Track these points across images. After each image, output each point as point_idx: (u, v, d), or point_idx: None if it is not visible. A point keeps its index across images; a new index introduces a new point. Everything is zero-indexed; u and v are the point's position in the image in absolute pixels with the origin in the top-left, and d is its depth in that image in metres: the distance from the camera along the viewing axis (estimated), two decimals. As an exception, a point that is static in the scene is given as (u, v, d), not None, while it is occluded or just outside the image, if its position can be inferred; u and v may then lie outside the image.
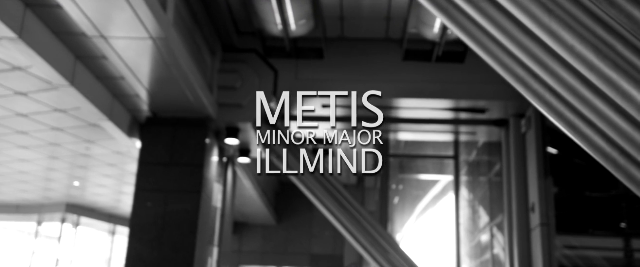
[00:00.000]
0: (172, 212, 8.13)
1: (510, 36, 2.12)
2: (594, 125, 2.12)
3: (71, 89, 6.90)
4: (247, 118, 8.67)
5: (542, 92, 2.24)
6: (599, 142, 2.17)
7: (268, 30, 7.71)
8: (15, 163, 10.19)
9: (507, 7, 1.99)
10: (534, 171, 8.47)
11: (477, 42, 2.42)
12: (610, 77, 1.87)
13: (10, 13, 5.61)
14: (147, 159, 8.36)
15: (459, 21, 2.49)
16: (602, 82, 1.86)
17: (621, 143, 2.05)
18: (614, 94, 1.87)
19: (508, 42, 2.13)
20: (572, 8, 1.97)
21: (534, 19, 1.93)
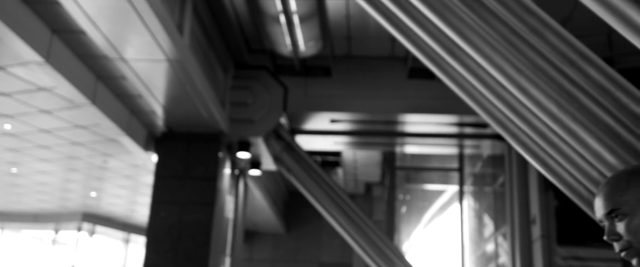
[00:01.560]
0: (187, 223, 8.48)
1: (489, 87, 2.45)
2: (561, 164, 2.45)
3: (92, 107, 7.29)
4: (258, 132, 9.03)
5: (518, 133, 2.58)
6: (566, 177, 2.51)
7: (278, 50, 8.08)
8: (35, 175, 10.60)
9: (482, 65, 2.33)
10: (535, 184, 8.74)
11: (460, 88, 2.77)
12: (571, 127, 2.22)
13: (38, 39, 6.01)
14: (163, 173, 8.72)
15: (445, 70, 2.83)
16: (564, 131, 2.20)
17: (582, 179, 2.39)
18: (574, 141, 2.20)
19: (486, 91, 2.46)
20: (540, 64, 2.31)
21: (506, 75, 2.27)
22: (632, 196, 1.38)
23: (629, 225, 1.37)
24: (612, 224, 1.41)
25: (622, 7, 1.81)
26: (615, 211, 1.41)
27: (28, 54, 5.98)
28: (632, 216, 1.37)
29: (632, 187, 1.40)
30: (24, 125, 8.10)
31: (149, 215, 8.64)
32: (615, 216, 1.40)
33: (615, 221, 1.40)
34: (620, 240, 1.41)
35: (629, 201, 1.38)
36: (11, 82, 6.69)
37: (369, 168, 14.13)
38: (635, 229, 1.37)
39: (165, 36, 6.23)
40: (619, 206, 1.40)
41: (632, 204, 1.38)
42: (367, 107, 9.29)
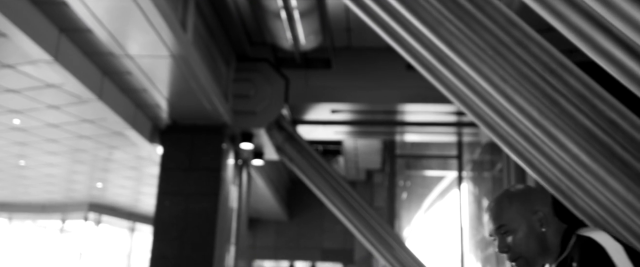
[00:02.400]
0: (192, 213, 8.71)
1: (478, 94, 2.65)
2: (545, 165, 2.66)
3: (99, 102, 7.48)
4: (261, 124, 9.23)
5: (505, 135, 2.78)
6: (549, 175, 2.72)
7: (279, 44, 8.25)
8: (42, 167, 10.82)
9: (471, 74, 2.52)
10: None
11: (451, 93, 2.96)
12: (551, 131, 2.42)
13: (46, 39, 6.18)
14: (168, 164, 8.94)
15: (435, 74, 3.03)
16: (545, 135, 2.40)
17: (563, 177, 2.60)
18: (554, 144, 2.40)
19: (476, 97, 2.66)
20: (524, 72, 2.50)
21: (492, 83, 2.47)
22: (516, 213, 1.66)
23: (515, 238, 1.64)
24: (502, 239, 1.67)
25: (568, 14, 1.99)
26: (504, 227, 1.67)
27: (37, 52, 6.16)
28: (517, 230, 1.63)
29: (514, 206, 1.67)
30: (32, 120, 8.30)
31: (155, 206, 8.86)
32: (504, 231, 1.66)
33: (504, 236, 1.66)
34: (509, 252, 1.66)
35: (515, 218, 1.65)
36: (20, 80, 6.88)
37: (369, 155, 14.35)
38: (520, 242, 1.64)
39: (169, 33, 6.40)
40: (507, 222, 1.66)
41: (518, 220, 1.64)
42: (367, 98, 9.47)
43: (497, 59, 2.52)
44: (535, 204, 1.69)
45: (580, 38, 1.87)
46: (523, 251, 1.66)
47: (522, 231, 1.66)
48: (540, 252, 1.66)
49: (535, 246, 1.65)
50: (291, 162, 9.97)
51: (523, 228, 1.66)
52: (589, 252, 1.55)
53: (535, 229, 1.66)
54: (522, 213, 1.67)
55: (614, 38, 1.82)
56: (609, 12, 1.64)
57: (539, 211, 1.68)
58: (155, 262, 8.68)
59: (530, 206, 1.69)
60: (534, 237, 1.65)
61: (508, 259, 1.69)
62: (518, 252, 1.67)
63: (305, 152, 9.79)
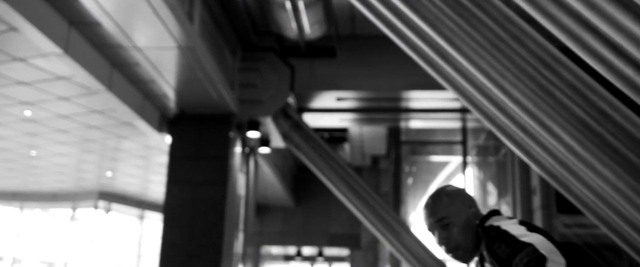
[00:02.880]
0: (201, 201, 8.88)
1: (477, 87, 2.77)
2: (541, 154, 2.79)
3: (108, 94, 7.63)
4: (267, 112, 9.35)
5: (503, 126, 2.90)
6: (546, 164, 2.85)
7: (284, 34, 8.35)
8: (53, 157, 11.01)
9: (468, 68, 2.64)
10: (535, 157, 9.05)
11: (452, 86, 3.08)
12: (546, 123, 2.54)
13: (57, 32, 6.32)
14: (177, 153, 9.10)
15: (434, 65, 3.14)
16: (540, 126, 2.53)
17: (556, 165, 2.72)
18: (548, 135, 2.53)
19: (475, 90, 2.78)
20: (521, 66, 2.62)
21: (489, 77, 2.58)
22: (454, 207, 1.82)
23: (454, 231, 1.80)
24: (441, 231, 1.83)
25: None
26: (444, 220, 1.82)
27: (48, 46, 6.30)
28: (456, 223, 1.80)
29: (453, 201, 1.83)
30: (43, 111, 8.46)
31: (165, 194, 9.04)
32: (444, 224, 1.82)
33: (443, 229, 1.82)
34: (448, 243, 1.82)
35: (453, 212, 1.82)
36: (32, 73, 7.03)
37: (375, 141, 14.46)
38: (459, 234, 1.81)
39: (176, 25, 6.52)
40: (446, 215, 1.82)
41: (456, 214, 1.81)
42: (371, 85, 9.57)
43: (494, 53, 2.64)
44: (466, 199, 1.86)
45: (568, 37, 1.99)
46: (461, 242, 1.82)
47: (459, 223, 1.81)
48: (475, 244, 1.82)
49: (472, 238, 1.81)
50: (298, 150, 10.12)
51: (461, 221, 1.82)
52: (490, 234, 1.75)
53: (471, 222, 1.82)
54: (460, 207, 1.83)
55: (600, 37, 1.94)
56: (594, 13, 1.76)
57: (472, 207, 1.85)
58: (165, 249, 8.88)
59: (466, 202, 1.86)
60: (470, 230, 1.82)
61: (446, 251, 1.83)
62: (456, 244, 1.82)
63: (311, 140, 9.93)
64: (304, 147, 9.97)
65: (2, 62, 6.75)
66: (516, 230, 1.75)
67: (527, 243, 1.69)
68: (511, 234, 1.73)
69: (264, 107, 9.33)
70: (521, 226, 1.78)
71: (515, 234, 1.73)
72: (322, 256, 19.94)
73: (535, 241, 1.70)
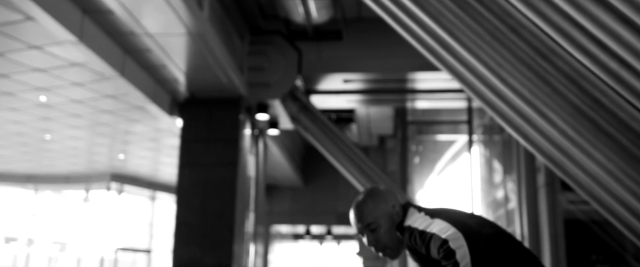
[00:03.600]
0: (213, 183, 9.12)
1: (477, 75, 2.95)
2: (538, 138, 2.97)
3: (121, 79, 7.82)
4: (275, 95, 9.54)
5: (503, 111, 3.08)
6: (543, 147, 3.03)
7: (292, 18, 8.50)
8: (66, 140, 11.26)
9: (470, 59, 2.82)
10: (539, 136, 9.20)
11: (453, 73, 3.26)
12: (542, 109, 2.72)
13: (71, 20, 6.50)
14: (188, 136, 9.32)
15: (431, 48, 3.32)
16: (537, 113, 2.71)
17: (555, 151, 2.91)
18: (544, 120, 2.71)
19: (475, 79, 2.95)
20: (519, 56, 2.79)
21: (489, 67, 2.76)
22: (380, 212, 1.95)
23: (381, 233, 1.94)
24: (369, 234, 1.96)
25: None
26: (371, 225, 1.94)
27: (63, 34, 6.48)
28: (382, 226, 1.94)
29: (377, 205, 1.97)
30: (57, 96, 8.68)
31: (177, 176, 9.28)
32: (372, 229, 1.94)
33: (371, 232, 1.95)
34: (377, 245, 1.95)
35: (378, 216, 1.95)
36: (47, 60, 7.22)
37: (382, 122, 14.64)
38: (385, 235, 1.94)
39: (186, 12, 6.68)
40: (372, 220, 1.95)
41: (381, 217, 1.95)
42: (378, 67, 9.72)
43: (493, 44, 2.81)
44: (390, 200, 1.99)
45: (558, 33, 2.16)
46: (387, 242, 1.95)
47: (385, 225, 1.95)
48: (401, 241, 1.95)
49: (397, 237, 1.95)
50: (306, 131, 10.32)
51: (386, 223, 1.95)
52: (406, 235, 1.87)
53: (395, 222, 1.96)
54: (384, 210, 1.97)
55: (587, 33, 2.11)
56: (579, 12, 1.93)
57: (395, 206, 1.98)
58: (179, 229, 9.15)
59: (388, 203, 1.98)
60: (395, 230, 1.95)
61: (375, 251, 1.98)
62: (384, 245, 1.96)
63: (319, 121, 10.12)
64: (312, 129, 10.17)
65: (18, 50, 6.94)
66: (421, 223, 1.85)
67: (431, 233, 1.78)
68: (420, 230, 1.83)
69: (273, 90, 9.51)
70: (425, 216, 1.88)
71: (422, 228, 1.83)
72: (331, 234, 20.25)
73: (436, 228, 1.79)
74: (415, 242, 1.84)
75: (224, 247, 9.05)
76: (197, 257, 9.09)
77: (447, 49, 2.94)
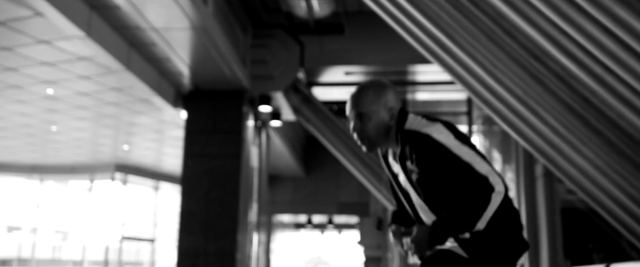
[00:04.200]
0: (217, 174, 9.29)
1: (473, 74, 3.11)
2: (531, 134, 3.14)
3: (127, 73, 7.97)
4: (278, 87, 9.69)
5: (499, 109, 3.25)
6: (536, 143, 3.21)
7: (294, 12, 8.63)
8: (72, 131, 11.43)
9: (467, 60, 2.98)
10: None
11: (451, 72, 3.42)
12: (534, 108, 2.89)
13: (79, 16, 6.64)
14: (192, 128, 9.49)
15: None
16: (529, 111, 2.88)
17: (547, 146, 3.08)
18: (536, 118, 2.88)
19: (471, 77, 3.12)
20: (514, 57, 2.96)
21: (484, 68, 2.92)
22: (374, 105, 1.95)
23: (368, 125, 1.94)
24: (356, 122, 1.96)
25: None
26: (363, 115, 1.94)
27: (71, 29, 6.63)
28: (371, 119, 1.95)
29: (374, 99, 1.96)
30: (64, 89, 8.84)
31: (182, 167, 9.45)
32: (363, 119, 1.94)
33: (359, 121, 1.95)
34: (360, 134, 1.96)
35: (372, 110, 1.95)
36: (55, 54, 7.38)
37: (382, 113, 14.77)
38: (371, 129, 1.95)
39: (191, 7, 6.81)
40: (365, 111, 1.95)
41: (374, 111, 1.95)
42: (379, 60, 9.87)
43: (488, 46, 2.97)
44: (389, 101, 1.95)
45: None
46: (371, 136, 1.95)
47: (376, 120, 1.93)
48: (384, 139, 1.97)
49: (382, 135, 1.94)
50: (308, 123, 10.49)
51: (377, 119, 1.93)
52: (418, 141, 1.85)
53: (386, 122, 1.93)
54: (378, 106, 1.94)
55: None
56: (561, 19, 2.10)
57: (392, 108, 1.94)
58: (184, 218, 9.34)
59: (386, 102, 1.94)
60: (382, 128, 1.94)
61: (355, 138, 1.97)
62: (367, 137, 1.95)
63: (320, 113, 10.29)
64: (314, 120, 10.34)
65: (27, 45, 7.09)
66: (448, 140, 1.82)
67: (466, 163, 1.77)
68: (446, 148, 1.80)
69: (275, 82, 9.67)
70: (450, 134, 1.85)
71: (450, 146, 1.80)
72: (332, 223, 20.47)
73: (469, 158, 1.78)
74: (432, 156, 1.82)
75: (227, 236, 9.24)
76: (201, 247, 9.29)
77: (444, 49, 3.10)
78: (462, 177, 1.81)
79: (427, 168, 1.87)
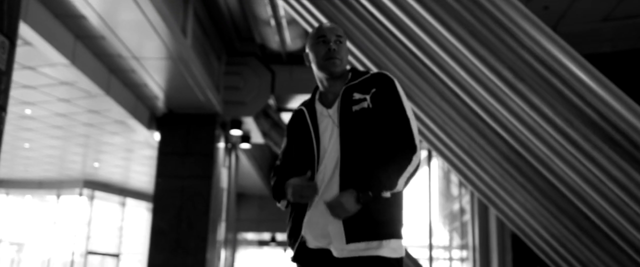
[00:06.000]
0: (188, 195, 9.70)
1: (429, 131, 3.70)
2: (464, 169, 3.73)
3: (106, 97, 8.36)
4: (249, 113, 10.18)
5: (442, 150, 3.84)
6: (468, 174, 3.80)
7: (268, 45, 9.17)
8: (45, 149, 11.65)
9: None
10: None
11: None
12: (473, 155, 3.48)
13: (65, 45, 7.03)
14: (165, 150, 9.88)
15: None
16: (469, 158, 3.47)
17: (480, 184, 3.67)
18: (473, 163, 3.47)
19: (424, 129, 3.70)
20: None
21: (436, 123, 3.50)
22: (345, 37, 2.14)
23: (343, 48, 2.10)
24: (337, 45, 2.08)
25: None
26: (342, 38, 2.11)
27: (57, 57, 7.01)
28: (344, 44, 2.13)
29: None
30: (43, 110, 9.14)
31: (154, 187, 9.82)
32: (341, 41, 2.09)
33: (339, 44, 2.09)
34: (338, 55, 2.08)
35: (345, 38, 2.14)
36: (38, 78, 7.72)
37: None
38: (345, 52, 2.11)
39: (172, 40, 7.28)
40: (342, 35, 2.11)
41: (345, 40, 2.14)
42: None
43: (441, 105, 3.55)
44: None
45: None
46: (343, 58, 2.09)
47: (345, 47, 2.11)
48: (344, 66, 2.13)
49: (346, 61, 2.13)
50: (276, 146, 10.98)
51: (346, 46, 2.12)
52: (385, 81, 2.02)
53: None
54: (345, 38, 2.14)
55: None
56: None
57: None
58: (154, 236, 9.69)
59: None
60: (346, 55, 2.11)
61: (331, 58, 2.07)
62: (341, 58, 2.08)
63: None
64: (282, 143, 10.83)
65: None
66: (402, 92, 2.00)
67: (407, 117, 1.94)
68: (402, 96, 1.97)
69: (247, 108, 10.16)
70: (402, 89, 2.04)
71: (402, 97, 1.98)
72: (295, 241, 20.79)
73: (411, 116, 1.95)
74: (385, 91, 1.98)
75: (196, 254, 9.62)
76: (170, 263, 9.64)
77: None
78: (402, 125, 1.95)
79: (381, 105, 1.98)
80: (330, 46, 2.05)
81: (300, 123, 2.15)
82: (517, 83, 2.82)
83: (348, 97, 2.03)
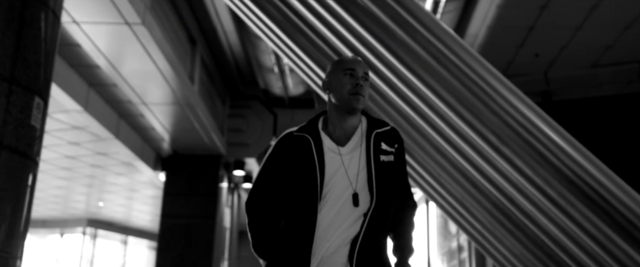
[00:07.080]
0: (192, 234, 9.95)
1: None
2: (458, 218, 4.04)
3: (115, 140, 8.68)
4: (252, 154, 10.52)
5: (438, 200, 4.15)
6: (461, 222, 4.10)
7: (271, 90, 9.55)
8: (51, 189, 11.92)
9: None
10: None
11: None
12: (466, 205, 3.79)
13: (78, 92, 7.38)
14: (171, 191, 10.17)
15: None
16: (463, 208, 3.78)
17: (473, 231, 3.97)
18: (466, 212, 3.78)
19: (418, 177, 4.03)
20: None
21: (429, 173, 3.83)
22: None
23: (367, 85, 2.08)
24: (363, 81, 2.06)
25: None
26: (367, 75, 2.10)
27: (70, 104, 7.34)
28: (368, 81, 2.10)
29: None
30: (53, 153, 9.45)
31: (159, 226, 10.07)
32: (366, 79, 2.09)
33: (365, 81, 2.07)
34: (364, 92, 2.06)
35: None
36: (51, 124, 8.05)
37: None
38: (368, 88, 2.09)
39: (180, 87, 7.64)
40: (369, 72, 2.12)
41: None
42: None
43: (435, 156, 3.87)
44: None
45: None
46: (366, 95, 2.07)
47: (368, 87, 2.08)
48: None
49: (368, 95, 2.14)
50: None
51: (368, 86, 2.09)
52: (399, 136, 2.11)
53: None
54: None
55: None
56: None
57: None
58: (159, 276, 9.91)
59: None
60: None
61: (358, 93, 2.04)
62: (365, 94, 2.05)
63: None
64: (284, 184, 11.10)
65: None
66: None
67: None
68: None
69: (250, 149, 10.50)
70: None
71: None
72: (295, 278, 20.85)
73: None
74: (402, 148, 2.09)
75: (199, 293, 9.83)
76: (173, 303, 9.83)
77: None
78: (408, 185, 2.12)
79: (398, 162, 2.05)
80: (359, 82, 2.02)
81: (302, 150, 2.07)
82: (501, 146, 3.14)
83: (377, 145, 2.03)
